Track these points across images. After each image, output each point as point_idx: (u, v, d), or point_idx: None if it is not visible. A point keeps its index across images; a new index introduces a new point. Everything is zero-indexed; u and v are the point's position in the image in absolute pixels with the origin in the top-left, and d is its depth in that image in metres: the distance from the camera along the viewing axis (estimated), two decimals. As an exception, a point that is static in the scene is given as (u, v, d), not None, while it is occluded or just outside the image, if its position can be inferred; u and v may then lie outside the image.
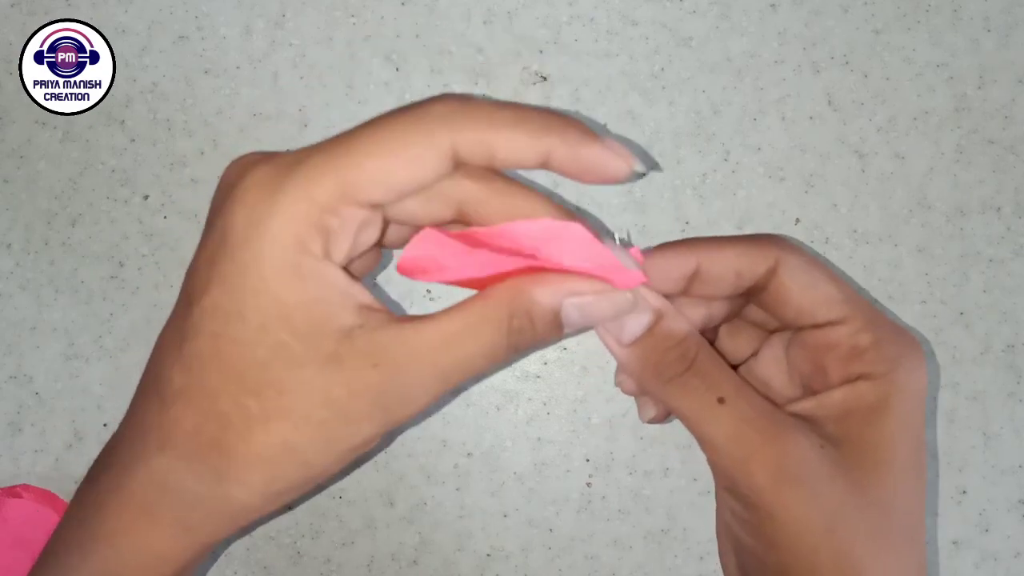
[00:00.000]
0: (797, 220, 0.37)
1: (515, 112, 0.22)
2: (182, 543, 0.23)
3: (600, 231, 0.24)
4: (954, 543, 0.36)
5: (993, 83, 0.37)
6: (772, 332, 0.29)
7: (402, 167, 0.21)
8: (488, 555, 0.36)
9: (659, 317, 0.24)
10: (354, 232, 0.22)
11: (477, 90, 0.37)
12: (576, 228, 0.23)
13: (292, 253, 0.21)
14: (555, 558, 0.36)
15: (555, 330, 0.23)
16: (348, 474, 0.36)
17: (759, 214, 0.37)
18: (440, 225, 0.24)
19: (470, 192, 0.23)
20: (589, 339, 0.37)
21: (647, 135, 0.37)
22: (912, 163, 0.37)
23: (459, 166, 0.22)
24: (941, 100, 0.37)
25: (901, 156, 0.37)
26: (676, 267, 0.26)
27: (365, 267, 0.27)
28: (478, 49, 0.37)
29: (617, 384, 0.28)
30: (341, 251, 0.22)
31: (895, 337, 0.25)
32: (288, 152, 0.23)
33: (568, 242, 0.23)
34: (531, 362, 0.37)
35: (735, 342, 0.29)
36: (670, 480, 0.36)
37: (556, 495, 0.36)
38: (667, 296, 0.26)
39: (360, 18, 0.37)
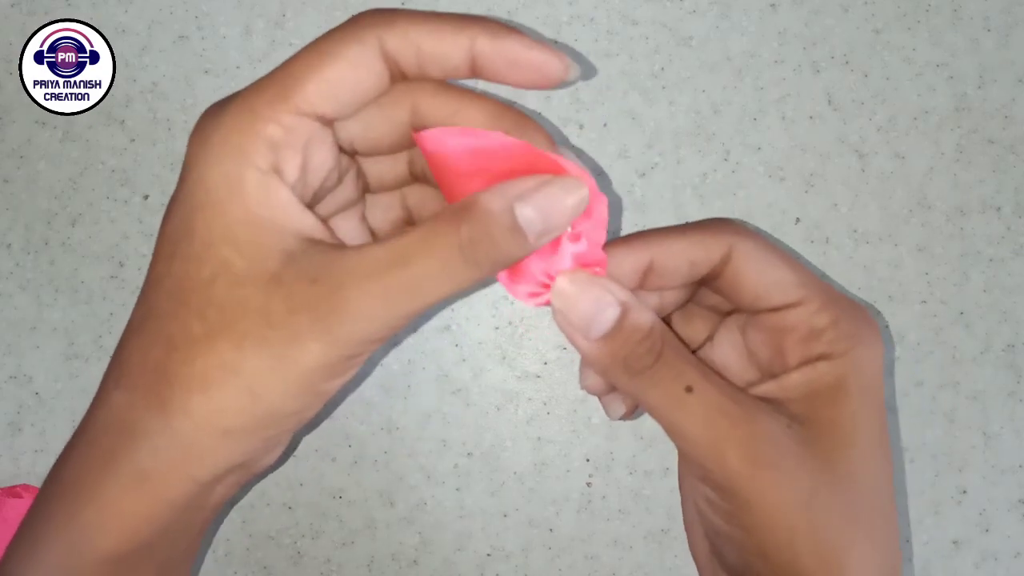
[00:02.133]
0: (797, 220, 0.37)
1: (439, 14, 0.23)
2: (141, 497, 0.22)
3: (556, 139, 0.24)
4: (954, 543, 0.36)
5: (993, 83, 0.37)
6: (726, 315, 0.28)
7: (334, 68, 0.22)
8: (488, 555, 0.36)
9: (626, 310, 0.24)
10: (302, 146, 0.22)
11: (477, 89, 0.37)
12: (523, 144, 0.22)
13: (235, 164, 0.21)
14: (555, 558, 0.36)
15: (516, 236, 0.22)
16: (322, 420, 0.36)
17: (759, 214, 0.37)
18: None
19: (422, 102, 0.23)
20: (589, 339, 0.37)
21: (647, 135, 0.37)
22: (912, 163, 0.37)
23: (397, 77, 0.23)
24: (941, 100, 0.37)
25: (901, 156, 0.37)
26: (630, 263, 0.25)
27: (340, 203, 0.26)
28: (478, 49, 0.37)
29: (583, 387, 0.28)
30: (292, 168, 0.22)
31: (851, 314, 0.25)
32: None
33: (517, 152, 0.22)
34: (531, 362, 0.37)
35: (690, 328, 0.29)
36: (670, 480, 0.36)
37: (556, 495, 0.36)
38: None
39: (360, 18, 0.37)
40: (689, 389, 0.24)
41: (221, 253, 0.21)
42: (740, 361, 0.28)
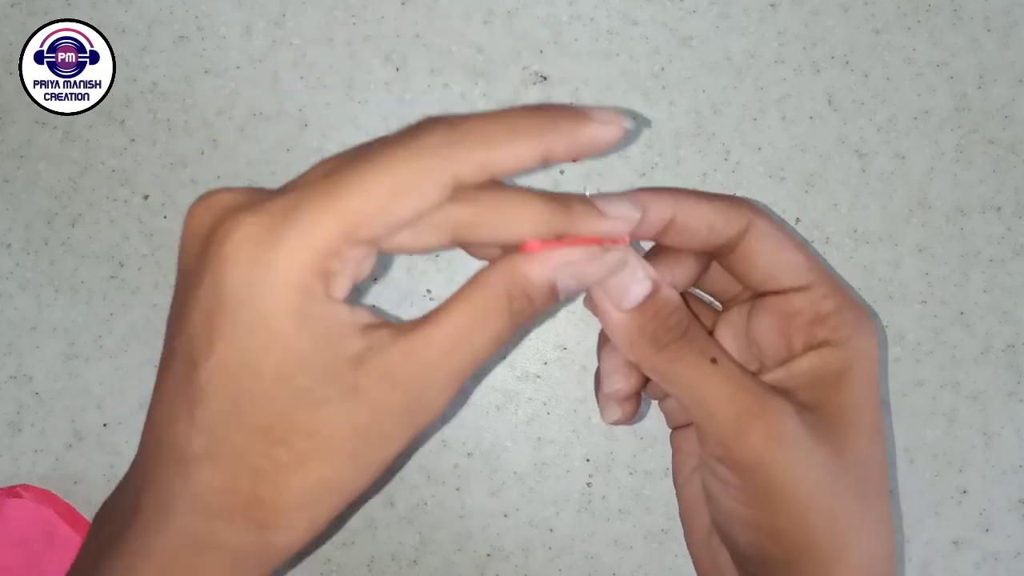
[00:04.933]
0: (797, 220, 0.37)
1: (507, 124, 0.22)
2: None
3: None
4: (955, 543, 0.36)
5: (993, 83, 0.37)
6: (724, 310, 0.29)
7: (403, 207, 0.21)
8: (488, 555, 0.36)
9: (657, 285, 0.25)
10: (355, 268, 0.22)
11: (477, 90, 0.37)
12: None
13: (298, 303, 0.21)
14: (555, 558, 0.36)
15: (552, 300, 0.24)
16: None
17: (759, 214, 0.37)
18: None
19: (462, 217, 0.23)
20: (589, 339, 0.37)
21: (647, 135, 0.37)
22: (912, 163, 0.37)
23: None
24: (941, 100, 0.37)
25: (901, 156, 0.37)
26: (656, 211, 0.26)
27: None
28: (478, 49, 0.37)
29: (609, 391, 0.28)
30: (344, 288, 0.22)
31: (851, 304, 0.26)
32: (268, 194, 0.22)
33: None
34: (531, 362, 0.37)
35: None
36: (670, 480, 0.36)
37: (556, 495, 0.36)
38: (638, 243, 0.26)
39: (360, 18, 0.37)
40: (714, 361, 0.25)
41: (296, 384, 0.22)
42: (741, 355, 0.28)
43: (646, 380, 0.28)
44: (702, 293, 0.30)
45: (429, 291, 0.37)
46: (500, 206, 0.23)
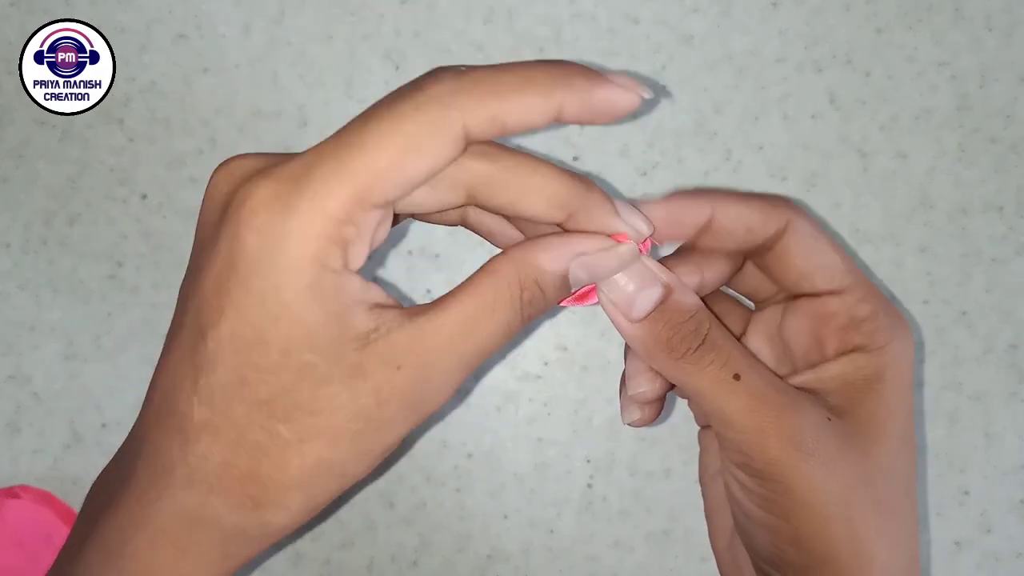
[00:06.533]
0: (799, 219, 0.37)
1: (518, 75, 0.21)
2: (219, 569, 0.23)
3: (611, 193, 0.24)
4: (956, 543, 0.36)
5: (995, 82, 0.37)
6: (757, 310, 0.29)
7: (415, 161, 0.21)
8: (489, 556, 0.36)
9: (669, 291, 0.24)
10: (371, 235, 0.22)
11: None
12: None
13: (311, 273, 0.21)
14: (556, 559, 0.36)
15: (564, 291, 0.23)
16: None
17: (760, 213, 0.37)
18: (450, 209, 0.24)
19: (479, 174, 0.22)
20: (590, 339, 0.37)
21: (648, 134, 0.37)
22: (914, 162, 0.37)
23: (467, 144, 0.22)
24: (943, 99, 0.37)
25: (903, 155, 0.37)
26: (692, 213, 0.25)
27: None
28: (478, 47, 0.37)
29: (633, 393, 0.27)
30: (360, 257, 0.22)
31: (888, 309, 0.26)
32: (285, 158, 0.22)
33: None
34: (531, 362, 0.36)
35: (725, 322, 0.29)
36: (672, 481, 0.36)
37: (557, 496, 0.36)
38: (674, 248, 0.26)
39: (359, 16, 0.37)
40: (737, 377, 0.24)
41: (302, 359, 0.21)
42: (774, 356, 0.28)
43: (672, 383, 0.27)
44: (734, 293, 0.30)
45: (429, 291, 0.36)
46: (518, 169, 0.23)
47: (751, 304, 0.30)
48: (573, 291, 0.24)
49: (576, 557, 0.36)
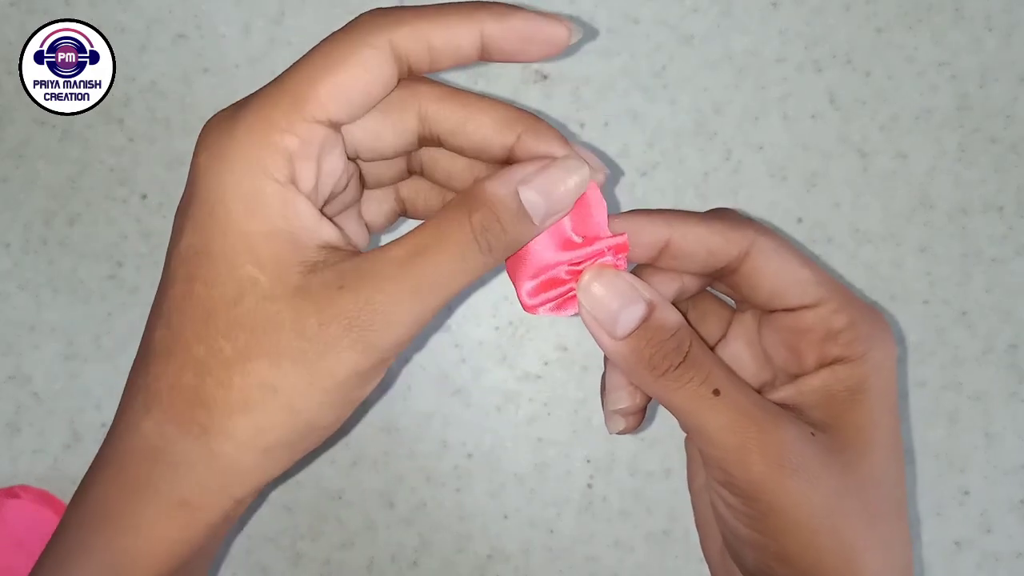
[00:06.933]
0: (799, 219, 0.37)
1: (442, 6, 0.23)
2: (183, 523, 0.22)
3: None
4: (956, 544, 0.36)
5: (995, 82, 0.37)
6: (739, 311, 0.28)
7: (348, 73, 0.22)
8: (489, 556, 0.36)
9: (652, 308, 0.24)
10: (316, 154, 0.22)
11: (477, 89, 0.37)
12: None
13: (253, 178, 0.21)
14: (556, 559, 0.36)
15: (523, 220, 0.22)
16: (352, 426, 0.36)
17: (761, 213, 0.37)
18: (408, 152, 0.25)
19: (427, 95, 0.23)
20: (589, 339, 0.36)
21: (648, 134, 0.37)
22: (914, 162, 0.37)
23: (405, 74, 0.23)
24: (943, 99, 0.37)
25: (903, 155, 0.37)
26: (648, 234, 0.25)
27: (344, 204, 0.26)
28: (478, 48, 0.37)
29: (613, 408, 0.27)
30: (308, 177, 0.22)
31: (867, 317, 0.25)
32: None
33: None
34: (531, 362, 0.36)
35: (703, 325, 0.29)
36: (672, 481, 0.36)
37: (557, 496, 0.36)
38: (637, 267, 0.26)
39: (360, 17, 0.37)
40: (716, 392, 0.24)
41: (245, 272, 0.21)
42: (754, 359, 0.27)
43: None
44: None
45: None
46: (468, 100, 0.23)
47: (732, 302, 0.29)
48: (541, 231, 0.23)
49: (576, 557, 0.36)
